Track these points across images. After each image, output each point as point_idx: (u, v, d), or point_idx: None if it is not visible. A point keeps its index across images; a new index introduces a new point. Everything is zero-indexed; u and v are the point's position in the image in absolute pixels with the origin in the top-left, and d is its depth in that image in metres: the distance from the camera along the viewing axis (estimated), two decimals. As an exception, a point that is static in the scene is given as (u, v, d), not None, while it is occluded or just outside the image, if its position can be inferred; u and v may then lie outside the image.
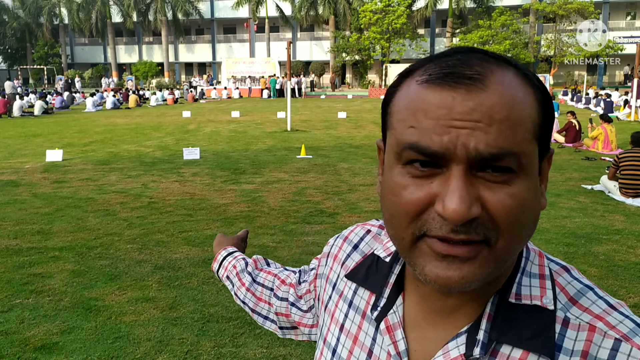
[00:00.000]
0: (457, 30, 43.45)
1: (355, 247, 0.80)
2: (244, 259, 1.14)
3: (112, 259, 4.86)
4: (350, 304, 0.75)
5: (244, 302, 1.08)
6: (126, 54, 56.48)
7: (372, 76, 47.71)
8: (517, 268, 0.63)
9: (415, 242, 0.57)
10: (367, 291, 0.74)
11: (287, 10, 48.07)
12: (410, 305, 0.68)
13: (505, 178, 0.55)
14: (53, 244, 5.30)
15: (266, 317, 1.04)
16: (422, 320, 0.67)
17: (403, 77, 0.62)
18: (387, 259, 0.74)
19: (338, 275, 0.80)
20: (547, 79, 31.38)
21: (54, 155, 10.42)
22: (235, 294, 1.10)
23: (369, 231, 0.82)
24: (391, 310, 0.68)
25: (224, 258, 1.17)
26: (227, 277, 1.13)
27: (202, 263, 4.70)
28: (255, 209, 6.64)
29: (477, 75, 0.55)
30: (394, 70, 40.23)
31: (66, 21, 53.08)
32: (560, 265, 0.66)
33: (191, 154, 10.59)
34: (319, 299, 0.86)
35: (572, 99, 28.77)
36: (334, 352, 0.76)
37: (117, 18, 51.30)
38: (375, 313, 0.70)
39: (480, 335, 0.61)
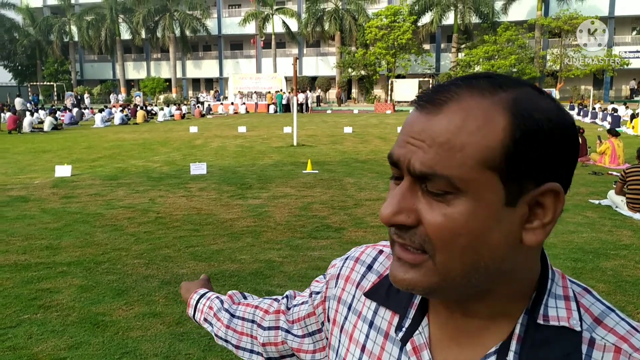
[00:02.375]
0: (463, 46, 43.63)
1: (370, 267, 0.81)
2: (217, 297, 1.11)
3: (119, 274, 4.89)
4: (370, 324, 0.75)
5: (226, 341, 1.05)
6: (134, 70, 57.06)
7: (378, 91, 47.88)
8: (544, 289, 0.64)
9: (393, 245, 0.64)
10: (388, 311, 0.74)
11: (294, 26, 48.49)
12: (435, 326, 0.69)
13: (442, 198, 0.58)
14: (61, 259, 5.34)
15: (251, 351, 1.01)
16: (448, 341, 0.67)
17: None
18: None
19: (353, 296, 0.80)
20: (554, 94, 31.38)
21: (63, 170, 10.52)
22: (216, 335, 1.07)
23: (381, 251, 0.83)
24: (417, 331, 0.69)
25: (197, 301, 1.13)
26: (205, 319, 1.10)
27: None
28: (262, 223, 6.66)
29: (440, 100, 0.59)
30: (399, 86, 40.41)
31: (76, 38, 53.73)
32: (582, 287, 0.67)
33: (198, 169, 10.65)
34: (329, 321, 0.85)
35: (578, 114, 28.75)
36: None
37: (126, 35, 51.91)
38: (400, 334, 0.70)
39: (510, 357, 0.62)
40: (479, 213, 0.58)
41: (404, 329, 0.70)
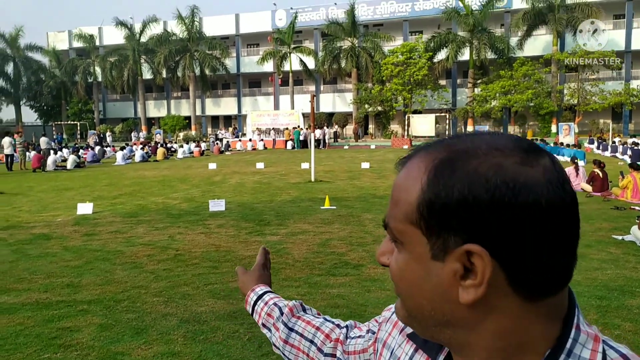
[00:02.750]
0: (479, 81, 43.88)
1: None
2: (276, 304, 1.14)
3: (138, 312, 4.90)
4: None
5: (283, 354, 1.10)
6: (155, 109, 58.31)
7: (394, 126, 48.14)
8: (561, 348, 0.60)
9: None
10: (423, 356, 0.76)
11: (311, 64, 49.33)
12: None
13: (396, 245, 0.67)
14: (82, 297, 5.38)
15: None
16: None
17: None
18: None
19: (396, 342, 0.82)
20: (572, 128, 31.23)
21: (85, 208, 10.68)
22: (274, 344, 1.12)
23: None
24: None
25: (255, 302, 1.18)
26: (263, 324, 1.14)
27: (227, 316, 4.70)
28: (280, 260, 6.66)
29: (405, 160, 0.68)
30: (416, 121, 40.62)
31: (100, 79, 55.33)
32: (620, 353, 0.60)
33: (217, 205, 10.74)
34: None
35: (598, 147, 28.51)
36: None
37: (147, 75, 53.29)
38: None
39: None
40: (411, 263, 0.64)
41: None
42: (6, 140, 23.58)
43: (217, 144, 36.24)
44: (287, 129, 40.02)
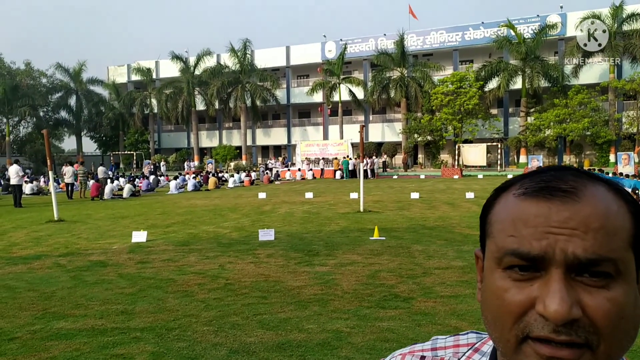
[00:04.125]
0: (532, 110, 42.96)
1: None
2: None
3: (189, 341, 4.95)
4: None
5: None
6: (207, 139, 59.98)
7: (444, 156, 47.59)
8: None
9: (520, 344, 0.60)
10: None
11: (360, 94, 49.72)
12: None
13: (604, 283, 0.58)
14: (135, 324, 5.49)
15: None
16: None
17: (500, 191, 0.68)
18: None
19: None
20: (632, 157, 29.97)
21: (139, 236, 10.99)
22: None
23: (423, 357, 0.80)
24: None
25: None
26: None
27: (276, 347, 4.68)
28: (329, 292, 6.61)
29: (571, 188, 0.61)
30: (467, 150, 40.02)
31: (155, 110, 57.56)
32: None
33: (266, 235, 10.82)
34: None
35: (661, 177, 27.17)
36: None
37: (200, 106, 55.04)
38: None
39: None
40: (631, 292, 0.59)
41: None
42: (69, 169, 24.73)
43: (266, 173, 36.79)
44: (336, 158, 40.24)
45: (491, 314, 0.63)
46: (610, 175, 25.38)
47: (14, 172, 20.60)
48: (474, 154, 40.02)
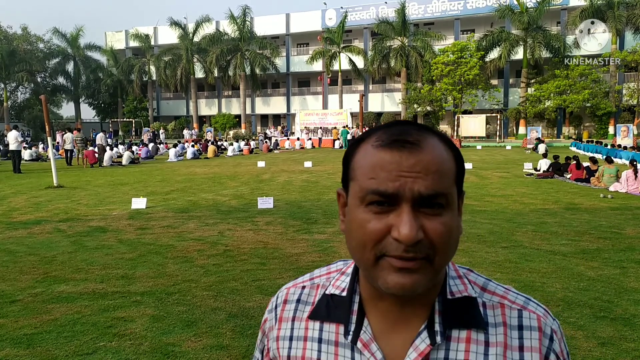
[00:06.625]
0: (533, 80, 42.62)
1: (299, 301, 0.95)
2: None
3: (189, 305, 5.04)
4: (320, 340, 0.89)
5: None
6: (207, 107, 59.61)
7: (444, 126, 47.45)
8: (446, 275, 0.87)
9: (377, 260, 0.77)
10: (332, 324, 0.88)
11: (360, 63, 49.22)
12: (374, 322, 0.86)
13: (439, 212, 0.77)
14: (135, 288, 5.57)
15: None
16: (387, 331, 0.85)
17: (359, 142, 0.85)
18: (344, 294, 0.90)
19: (292, 328, 0.93)
20: (631, 129, 29.89)
21: (139, 203, 11.04)
22: None
23: (303, 287, 0.97)
24: (362, 331, 0.85)
25: None
26: None
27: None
28: (327, 259, 6.69)
29: (416, 141, 0.78)
30: (466, 121, 39.88)
31: (154, 78, 57.01)
32: (465, 268, 0.92)
33: (265, 203, 10.88)
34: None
35: (660, 150, 27.15)
36: None
37: (199, 74, 54.49)
38: (349, 337, 0.85)
39: (437, 327, 0.82)
40: (454, 217, 0.80)
41: (351, 333, 0.85)
42: (69, 136, 24.65)
43: (266, 142, 36.69)
44: (335, 128, 40.09)
45: (355, 241, 0.79)
46: (609, 147, 25.36)
47: (12, 138, 20.53)
48: (473, 125, 39.89)
